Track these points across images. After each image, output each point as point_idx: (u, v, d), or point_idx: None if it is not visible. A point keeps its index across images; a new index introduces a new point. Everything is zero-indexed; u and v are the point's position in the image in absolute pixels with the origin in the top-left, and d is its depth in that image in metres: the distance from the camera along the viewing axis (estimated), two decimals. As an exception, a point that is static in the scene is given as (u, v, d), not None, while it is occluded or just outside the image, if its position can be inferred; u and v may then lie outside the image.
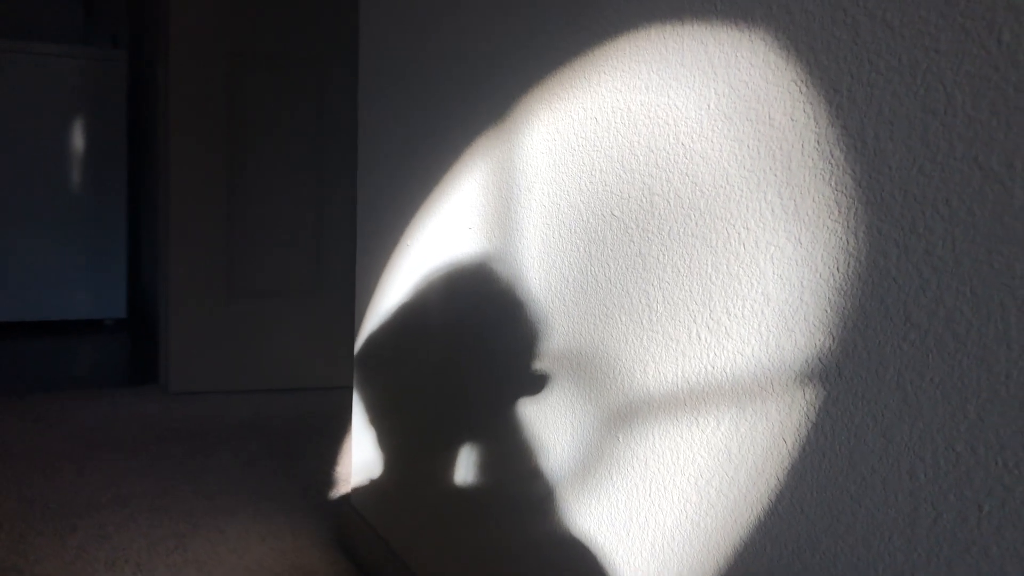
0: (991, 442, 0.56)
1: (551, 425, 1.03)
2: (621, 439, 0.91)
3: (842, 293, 0.66)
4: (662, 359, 0.85)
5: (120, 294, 3.46)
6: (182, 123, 2.67)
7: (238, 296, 2.78)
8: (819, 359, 0.68)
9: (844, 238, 0.66)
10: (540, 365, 1.05)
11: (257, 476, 2.11)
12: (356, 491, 1.74)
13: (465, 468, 1.26)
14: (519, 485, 1.11)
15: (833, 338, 0.67)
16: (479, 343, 1.20)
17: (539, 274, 1.05)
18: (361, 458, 1.71)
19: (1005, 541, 0.55)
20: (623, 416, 0.91)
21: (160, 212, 2.85)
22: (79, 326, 3.26)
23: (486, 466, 1.20)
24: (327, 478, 2.13)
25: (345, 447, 2.34)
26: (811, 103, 0.68)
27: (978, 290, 0.57)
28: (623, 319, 0.91)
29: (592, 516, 0.96)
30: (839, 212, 0.66)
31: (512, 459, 1.12)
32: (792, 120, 0.70)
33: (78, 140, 3.05)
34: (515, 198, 1.10)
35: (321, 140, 2.82)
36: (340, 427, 2.48)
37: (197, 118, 2.68)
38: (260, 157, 2.76)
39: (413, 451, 1.46)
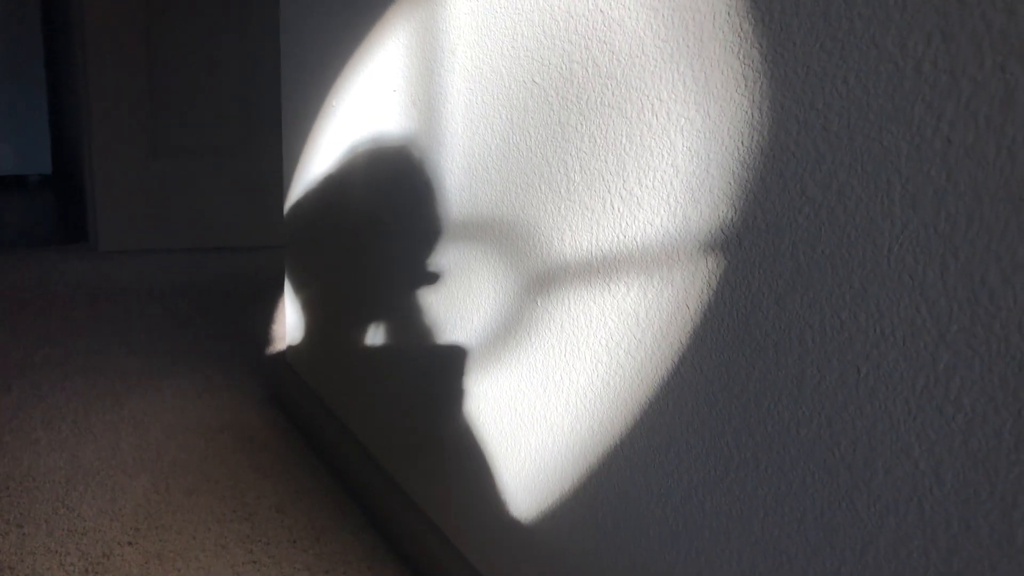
0: (871, 310, 0.60)
1: (474, 289, 1.06)
2: (539, 303, 0.94)
3: (745, 166, 0.68)
4: (578, 228, 0.87)
5: (44, 150, 3.36)
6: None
7: (163, 153, 2.71)
8: (721, 230, 0.71)
9: (749, 112, 0.67)
10: (440, 258, 1.07)
11: (192, 335, 2.13)
12: (291, 349, 1.77)
13: (390, 330, 1.29)
14: (442, 346, 1.14)
15: (735, 210, 0.69)
16: (399, 214, 1.21)
17: (462, 141, 1.06)
18: (295, 317, 1.73)
19: (878, 401, 0.60)
20: (541, 282, 0.94)
21: (79, 67, 2.73)
22: (3, 182, 3.17)
23: (409, 327, 1.23)
24: (262, 337, 2.16)
25: (279, 307, 2.36)
26: (723, -26, 0.68)
27: (868, 167, 0.59)
28: (543, 188, 0.92)
29: (512, 375, 1.00)
30: (746, 86, 0.67)
31: (434, 321, 1.15)
32: (705, -9, 0.70)
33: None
34: (438, 60, 1.09)
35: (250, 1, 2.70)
36: (273, 287, 2.49)
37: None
38: (183, 8, 2.64)
39: (342, 313, 1.48)
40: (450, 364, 1.13)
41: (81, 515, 1.33)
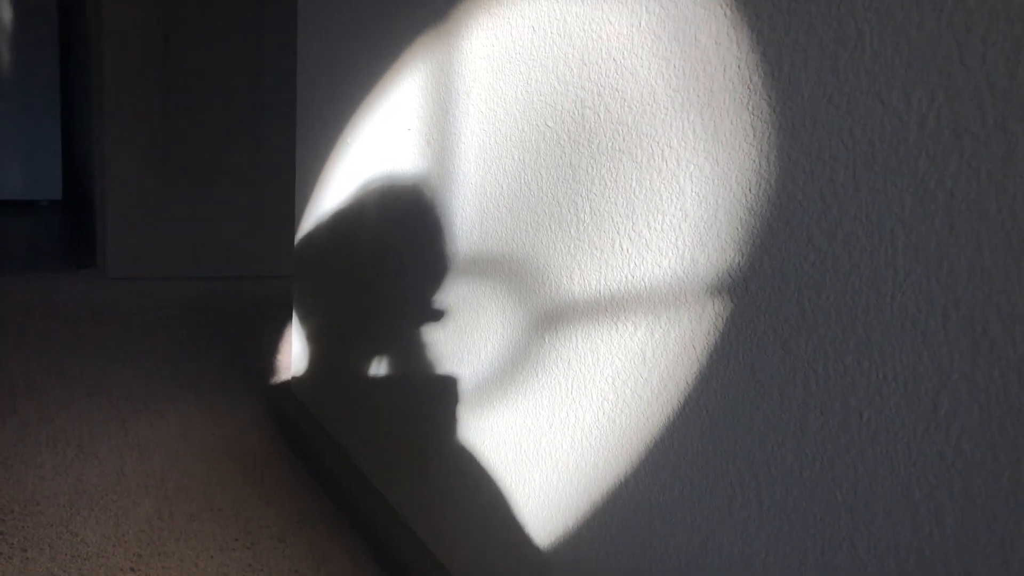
0: (874, 356, 0.61)
1: (483, 324, 1.08)
2: (547, 340, 0.96)
3: (752, 213, 0.70)
4: (587, 267, 0.89)
5: (55, 175, 3.39)
6: (115, 13, 2.57)
7: (176, 181, 2.74)
8: (728, 273, 0.73)
9: (757, 161, 0.69)
10: (448, 294, 1.09)
11: (198, 361, 2.14)
12: (296, 378, 1.78)
13: (395, 362, 1.30)
14: (448, 379, 1.16)
15: (742, 255, 0.71)
16: (410, 249, 1.23)
17: (475, 179, 1.08)
18: (301, 346, 1.75)
19: (880, 445, 0.61)
20: (549, 319, 0.96)
21: (94, 92, 2.77)
22: (14, 207, 3.20)
23: (416, 360, 1.24)
24: (267, 364, 2.17)
25: (285, 336, 2.38)
26: (735, 27, 0.71)
27: (873, 217, 0.61)
28: (553, 227, 0.94)
29: (519, 410, 1.01)
30: (754, 136, 0.70)
31: (440, 354, 1.17)
32: (716, 43, 0.72)
33: (5, 16, 2.93)
34: (454, 102, 1.11)
35: (262, 27, 2.75)
36: (280, 316, 2.51)
37: (131, 6, 2.58)
38: (199, 37, 2.69)
39: (348, 344, 1.50)
40: (455, 398, 1.15)
41: (84, 540, 1.34)
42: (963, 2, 0.55)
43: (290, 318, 1.90)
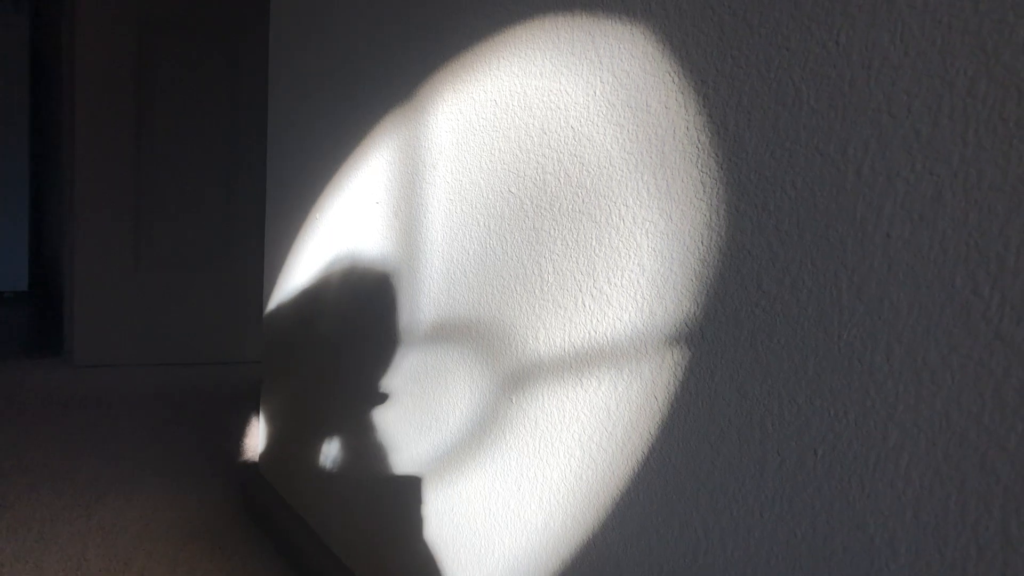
0: (825, 394, 0.64)
1: (450, 390, 1.09)
2: (514, 401, 0.98)
3: (705, 264, 0.74)
4: (551, 326, 0.92)
5: (21, 266, 3.38)
6: (88, 89, 2.63)
7: (146, 267, 2.75)
8: (686, 323, 0.76)
9: (708, 215, 0.73)
10: (411, 365, 1.11)
11: (164, 446, 2.12)
12: (263, 459, 1.77)
13: (361, 438, 1.31)
14: (413, 456, 1.16)
15: (697, 304, 0.74)
16: (374, 323, 1.25)
17: (442, 247, 1.11)
18: (268, 427, 1.74)
19: (834, 480, 0.64)
20: (516, 380, 0.98)
21: (65, 181, 2.80)
22: (-23, 298, 3.18)
23: (380, 435, 1.25)
24: (235, 448, 2.15)
25: (253, 420, 2.36)
26: (682, 92, 0.75)
27: (818, 261, 0.64)
28: (518, 289, 0.97)
29: (487, 474, 1.02)
30: (704, 192, 0.74)
31: (406, 427, 1.18)
32: (666, 107, 0.77)
33: (-23, 107, 2.98)
34: (420, 174, 1.15)
35: (232, 110, 2.81)
36: (247, 401, 2.50)
37: (104, 84, 2.64)
38: (169, 126, 2.74)
39: (314, 423, 1.50)
40: (419, 473, 1.15)
41: (45, 625, 1.30)
42: (888, 60, 0.59)
43: (258, 404, 1.90)
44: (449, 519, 1.10)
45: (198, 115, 2.77)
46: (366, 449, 1.31)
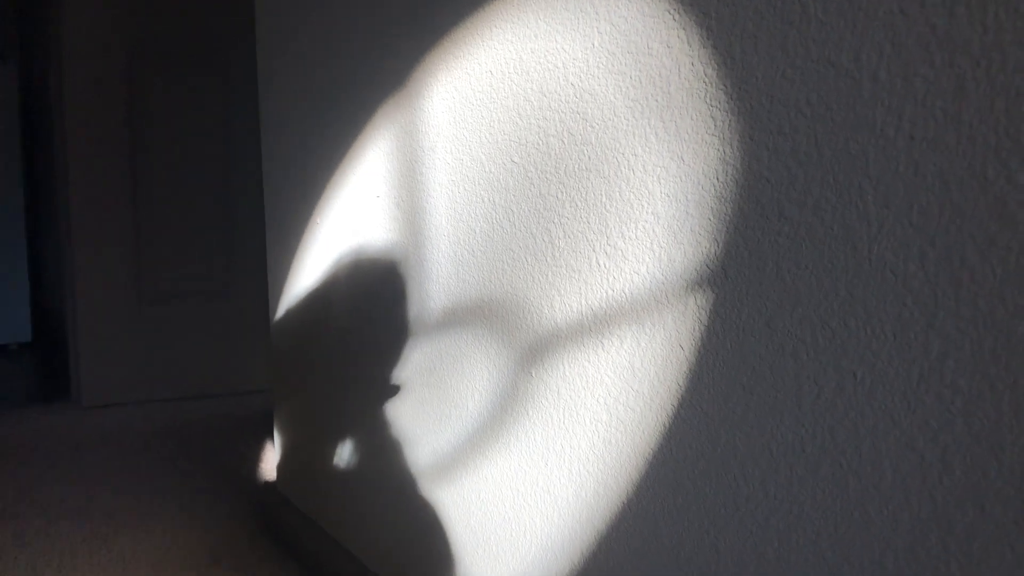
0: (859, 314, 0.62)
1: (467, 374, 1.07)
2: (535, 375, 0.95)
3: (722, 200, 0.71)
4: (567, 291, 0.90)
5: (23, 317, 3.37)
6: (80, 130, 2.62)
7: (148, 303, 2.73)
8: (706, 265, 0.73)
9: (721, 149, 0.71)
10: (422, 360, 1.09)
11: (179, 476, 2.09)
12: (280, 475, 1.74)
13: (378, 437, 1.28)
14: (434, 447, 1.14)
15: (717, 243, 0.72)
16: (382, 320, 1.23)
17: (448, 231, 1.09)
18: (282, 440, 1.72)
19: (877, 402, 0.61)
20: (535, 352, 0.95)
21: (62, 224, 2.79)
22: (-17, 350, 3.16)
23: (397, 433, 1.22)
24: (251, 472, 2.12)
25: (267, 444, 2.33)
26: (684, 28, 0.74)
27: (840, 177, 0.62)
28: (529, 260, 0.95)
29: (513, 453, 1.00)
30: (715, 126, 0.72)
31: (424, 422, 1.15)
32: (668, 47, 0.75)
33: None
34: (419, 160, 1.14)
35: (228, 138, 2.80)
36: (260, 428, 2.47)
37: (96, 124, 2.63)
38: (165, 160, 2.73)
39: (329, 429, 1.47)
40: (441, 464, 1.12)
41: (70, 655, 1.27)
42: (896, -44, 0.58)
43: (271, 430, 1.87)
44: (477, 507, 1.07)
45: (193, 143, 2.76)
46: (383, 447, 1.29)
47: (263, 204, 1.74)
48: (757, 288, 0.69)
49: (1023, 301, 0.52)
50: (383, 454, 1.29)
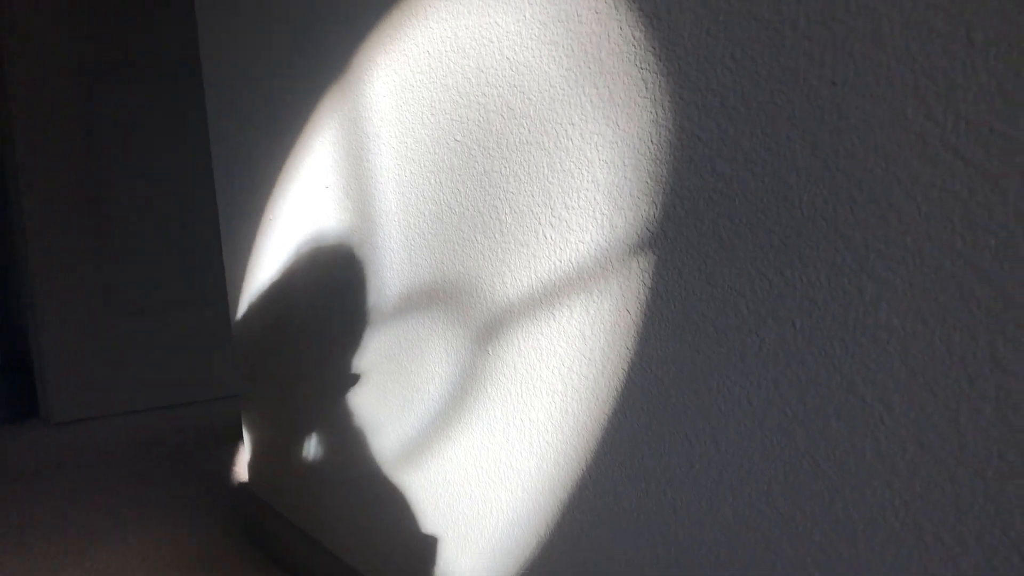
0: (795, 263, 0.62)
1: (426, 359, 1.07)
2: (491, 352, 0.95)
3: (657, 162, 0.72)
4: (516, 266, 0.90)
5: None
6: (37, 148, 2.58)
7: (114, 316, 2.70)
8: (647, 228, 0.74)
9: (653, 111, 0.71)
10: (382, 346, 1.09)
11: (155, 488, 2.07)
12: (252, 474, 1.73)
13: (343, 427, 1.28)
14: (399, 434, 1.13)
15: (656, 205, 0.73)
16: (340, 312, 1.23)
17: (398, 216, 1.09)
18: (253, 439, 1.71)
19: (816, 348, 0.62)
20: (490, 330, 0.95)
21: (19, 245, 2.75)
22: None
23: (361, 421, 1.22)
24: (224, 478, 2.11)
25: (239, 449, 2.32)
26: (611, -7, 0.74)
27: (768, 129, 0.63)
28: (478, 238, 0.95)
29: (475, 431, 1.00)
30: (646, 88, 0.72)
31: (388, 409, 1.15)
32: (596, 12, 0.75)
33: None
34: (365, 146, 1.13)
35: (184, 148, 2.77)
36: (231, 434, 2.45)
37: (49, 139, 2.59)
38: (124, 171, 2.70)
39: (294, 426, 1.47)
40: (406, 449, 1.12)
41: (46, 668, 1.26)
42: (807, -95, 0.58)
43: (242, 434, 1.86)
44: (444, 488, 1.07)
45: (150, 157, 2.73)
46: (348, 437, 1.28)
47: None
48: (696, 247, 0.70)
49: (947, 236, 0.53)
50: (349, 445, 1.29)
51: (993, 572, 0.53)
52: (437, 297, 1.03)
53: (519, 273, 0.89)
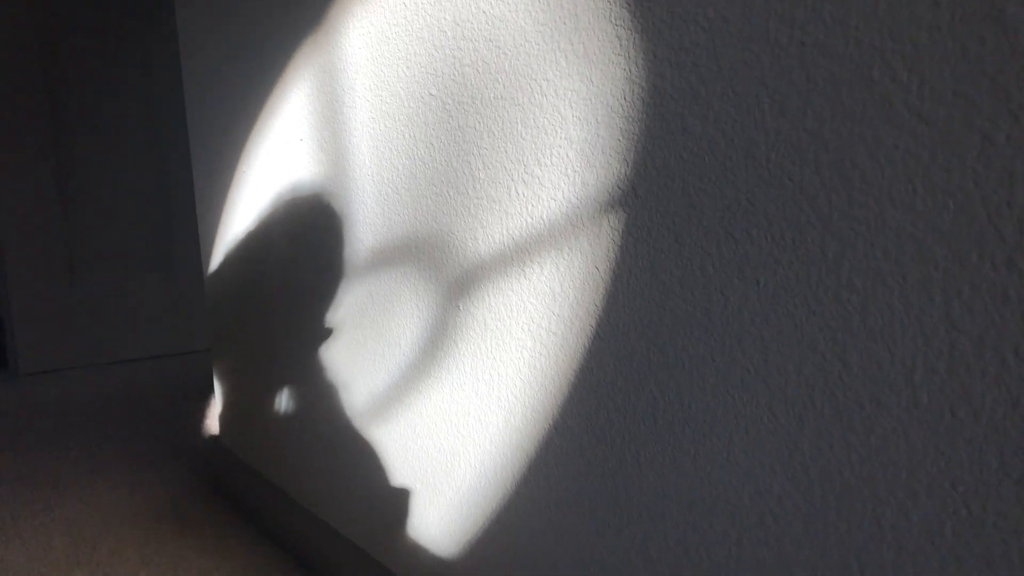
0: (761, 222, 0.63)
1: (398, 313, 1.07)
2: (462, 308, 0.96)
3: (630, 120, 0.72)
4: (489, 223, 0.90)
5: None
6: None
7: (81, 267, 2.68)
8: (618, 186, 0.74)
9: (627, 68, 0.72)
10: (354, 299, 1.09)
11: (123, 440, 2.08)
12: (223, 427, 1.74)
13: (316, 381, 1.28)
14: (370, 388, 1.14)
15: (627, 163, 0.73)
16: (312, 266, 1.23)
17: (372, 170, 1.09)
18: (224, 392, 1.71)
19: (780, 306, 0.63)
20: (461, 286, 0.96)
21: (-12, 190, 2.71)
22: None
23: (333, 375, 1.23)
24: (195, 433, 2.11)
25: (210, 402, 2.32)
26: (587, -52, 0.74)
27: (738, 87, 0.63)
28: (451, 194, 0.95)
29: (445, 386, 1.01)
30: (620, 45, 0.72)
31: (355, 363, 1.16)
32: (573, -32, 0.75)
33: None
34: (340, 99, 1.12)
35: (154, 98, 2.74)
36: (202, 388, 2.45)
37: (14, 93, 2.55)
38: (90, 128, 2.66)
39: (266, 379, 1.47)
40: (376, 405, 1.13)
41: (15, 614, 1.27)
42: None
43: (212, 389, 1.86)
44: (414, 442, 1.08)
45: (120, 112, 2.69)
46: (320, 391, 1.29)
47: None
48: (665, 205, 0.70)
49: (908, 198, 0.54)
50: (320, 398, 1.30)
51: (942, 525, 0.55)
52: (409, 252, 1.04)
53: (491, 229, 0.90)
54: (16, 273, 2.59)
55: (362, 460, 1.20)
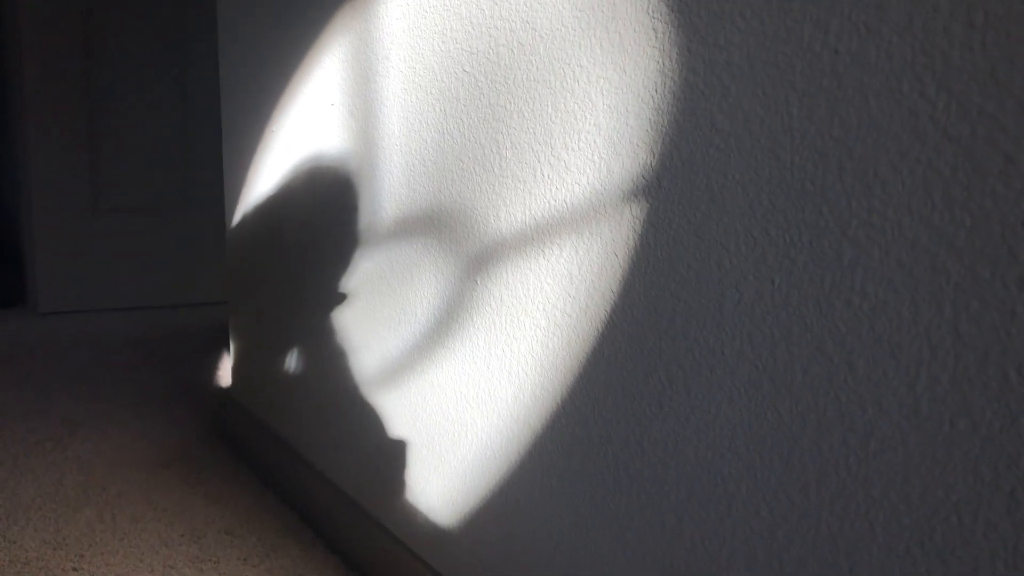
0: (780, 222, 0.65)
1: (416, 283, 1.09)
2: (479, 283, 0.98)
3: (660, 112, 0.73)
4: (511, 201, 0.92)
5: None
6: (34, 37, 2.55)
7: (105, 213, 2.71)
8: (642, 176, 0.76)
9: (660, 61, 0.73)
10: (374, 266, 1.11)
11: (136, 383, 2.11)
12: (236, 381, 1.77)
13: (330, 343, 1.31)
14: (383, 353, 1.16)
15: (653, 154, 0.74)
16: (336, 229, 1.24)
17: (400, 140, 1.10)
18: (238, 347, 1.74)
19: (792, 306, 0.64)
20: (480, 261, 0.97)
21: (16, 129, 2.74)
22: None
23: (348, 339, 1.25)
24: (207, 381, 2.15)
25: (223, 354, 2.35)
26: (630, -61, 0.74)
27: (768, 89, 0.64)
28: (477, 170, 0.97)
29: (457, 358, 1.03)
30: (656, 37, 0.73)
31: (372, 328, 1.18)
32: (615, -43, 0.76)
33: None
34: (374, 68, 1.14)
35: (185, 48, 2.75)
36: (217, 339, 2.48)
37: (51, 30, 2.57)
38: (120, 69, 2.68)
39: (281, 337, 1.49)
40: (388, 370, 1.15)
41: (23, 547, 1.30)
42: None
43: (227, 340, 1.89)
44: (423, 410, 1.10)
45: (150, 54, 2.71)
46: (333, 353, 1.31)
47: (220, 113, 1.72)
48: (688, 198, 0.72)
49: (926, 211, 0.55)
50: (332, 359, 1.32)
51: (932, 531, 0.57)
52: (432, 224, 1.05)
53: (514, 209, 0.91)
54: (41, 211, 2.62)
55: (368, 422, 1.23)
